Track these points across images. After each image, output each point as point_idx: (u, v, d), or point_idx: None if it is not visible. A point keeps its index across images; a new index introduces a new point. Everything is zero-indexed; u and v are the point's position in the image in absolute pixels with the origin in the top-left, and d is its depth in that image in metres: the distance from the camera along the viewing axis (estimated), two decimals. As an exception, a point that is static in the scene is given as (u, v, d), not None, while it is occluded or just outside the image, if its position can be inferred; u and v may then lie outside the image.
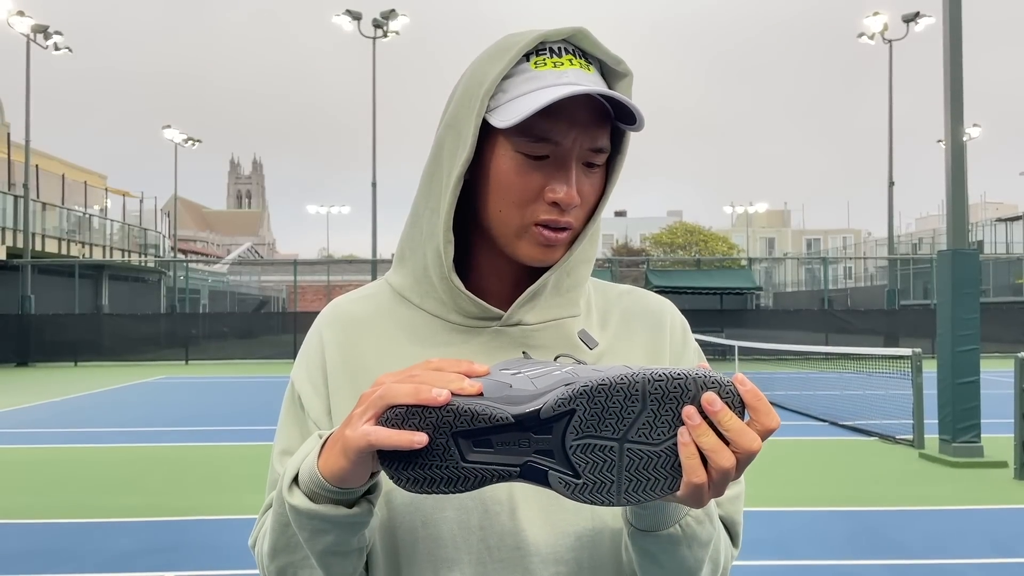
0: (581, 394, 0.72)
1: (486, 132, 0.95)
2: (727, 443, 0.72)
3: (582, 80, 0.92)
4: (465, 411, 0.73)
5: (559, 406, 0.72)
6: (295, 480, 0.84)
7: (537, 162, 0.93)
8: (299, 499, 0.83)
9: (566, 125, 0.92)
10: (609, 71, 0.98)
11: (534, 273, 1.00)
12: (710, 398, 0.71)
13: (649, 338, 1.07)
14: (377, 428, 0.74)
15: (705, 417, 0.72)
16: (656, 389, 0.72)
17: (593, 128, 0.94)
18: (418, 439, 0.72)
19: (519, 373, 0.78)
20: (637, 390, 0.72)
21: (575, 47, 0.96)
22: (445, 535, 0.93)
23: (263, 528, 0.96)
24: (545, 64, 0.93)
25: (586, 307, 1.06)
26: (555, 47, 0.94)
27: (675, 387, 0.72)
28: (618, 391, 0.72)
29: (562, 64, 0.93)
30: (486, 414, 0.73)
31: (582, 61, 0.94)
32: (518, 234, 0.96)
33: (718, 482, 0.73)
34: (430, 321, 1.02)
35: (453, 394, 0.74)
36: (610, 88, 0.96)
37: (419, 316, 1.03)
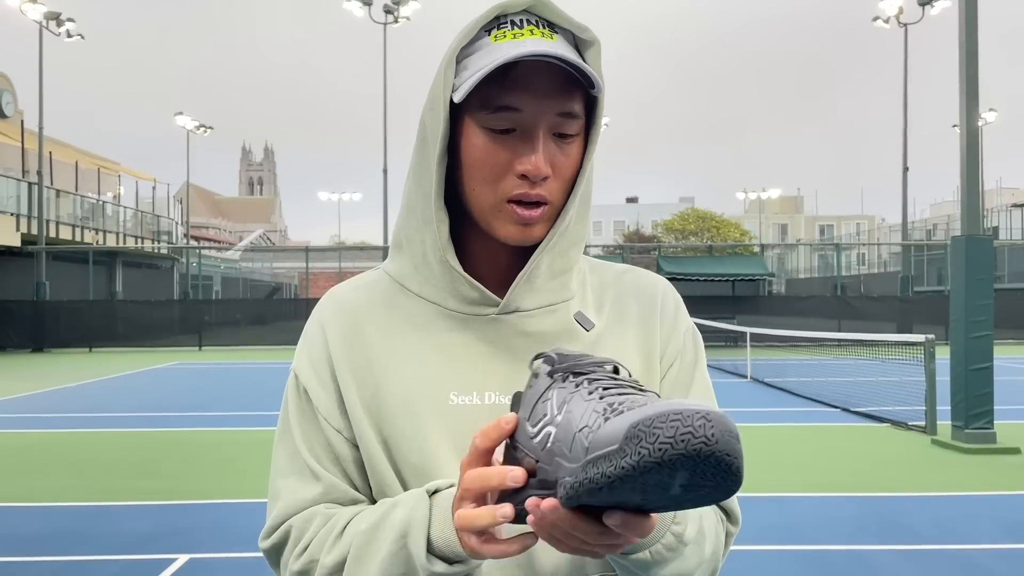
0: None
1: (460, 114, 0.93)
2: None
3: (541, 48, 0.88)
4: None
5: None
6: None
7: (503, 136, 0.91)
8: (441, 567, 0.84)
9: (525, 93, 0.90)
10: (577, 40, 0.95)
11: (525, 255, 0.99)
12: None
13: (640, 317, 1.05)
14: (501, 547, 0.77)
15: None
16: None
17: (556, 95, 0.91)
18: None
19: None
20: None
21: (538, 17, 0.93)
22: None
23: (310, 544, 0.94)
24: (504, 36, 0.91)
25: (581, 288, 1.05)
26: (516, 19, 0.92)
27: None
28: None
29: (522, 35, 0.90)
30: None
31: (545, 31, 0.92)
32: (493, 213, 0.94)
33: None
34: (429, 308, 1.01)
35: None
36: (581, 59, 0.93)
37: (418, 304, 1.02)
